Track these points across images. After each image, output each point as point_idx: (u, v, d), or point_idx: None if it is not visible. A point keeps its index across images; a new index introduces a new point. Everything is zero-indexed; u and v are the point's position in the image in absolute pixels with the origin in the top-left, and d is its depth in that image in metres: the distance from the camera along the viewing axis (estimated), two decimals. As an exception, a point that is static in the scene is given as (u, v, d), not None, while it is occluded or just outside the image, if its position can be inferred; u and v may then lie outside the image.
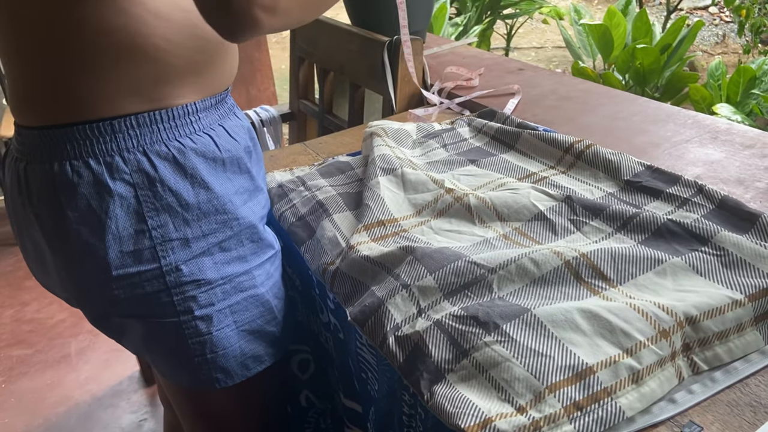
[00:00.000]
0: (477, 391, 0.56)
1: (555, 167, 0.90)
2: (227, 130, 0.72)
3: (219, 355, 0.74)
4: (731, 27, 5.96)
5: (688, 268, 0.66)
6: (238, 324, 0.74)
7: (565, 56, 5.54)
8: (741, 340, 0.60)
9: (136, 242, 0.66)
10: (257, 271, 0.75)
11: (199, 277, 0.70)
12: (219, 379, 0.75)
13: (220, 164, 0.69)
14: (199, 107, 0.68)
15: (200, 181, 0.67)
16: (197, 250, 0.69)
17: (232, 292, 0.73)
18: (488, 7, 4.21)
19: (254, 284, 0.74)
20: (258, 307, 0.76)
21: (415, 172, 0.88)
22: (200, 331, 0.72)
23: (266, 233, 0.77)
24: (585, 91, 1.24)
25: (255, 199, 0.75)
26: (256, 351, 0.77)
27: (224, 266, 0.71)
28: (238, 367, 0.76)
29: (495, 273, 0.66)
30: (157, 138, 0.65)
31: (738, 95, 3.03)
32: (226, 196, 0.70)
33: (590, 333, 0.58)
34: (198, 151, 0.67)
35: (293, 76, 1.64)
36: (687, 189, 0.78)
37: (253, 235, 0.74)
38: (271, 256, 0.77)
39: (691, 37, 3.40)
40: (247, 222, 0.72)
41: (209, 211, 0.69)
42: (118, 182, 0.64)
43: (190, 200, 0.67)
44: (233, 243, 0.72)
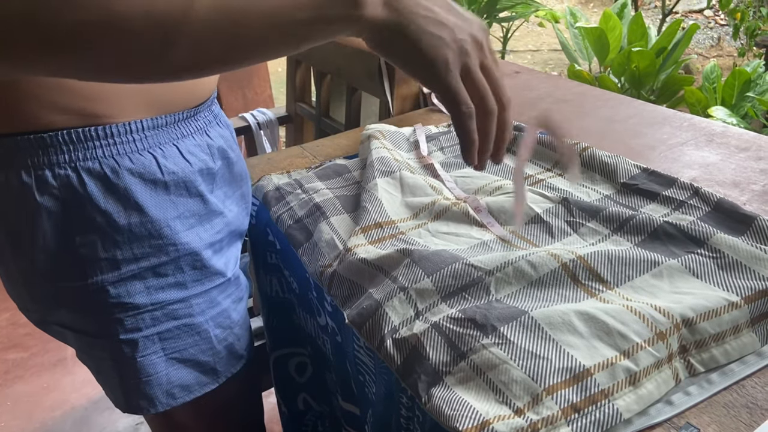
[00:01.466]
0: (474, 394, 0.56)
1: (551, 170, 0.91)
2: (181, 150, 0.68)
3: (143, 382, 0.72)
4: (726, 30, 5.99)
5: (684, 270, 0.66)
6: (167, 351, 0.72)
7: (561, 59, 5.56)
8: (737, 342, 0.60)
9: (63, 257, 0.64)
10: (197, 300, 0.72)
11: (127, 300, 0.67)
12: (142, 406, 0.73)
13: (161, 186, 0.66)
14: (146, 126, 0.65)
15: (133, 203, 0.64)
16: (127, 273, 0.66)
17: (163, 319, 0.70)
18: (484, 11, 4.22)
19: (190, 313, 0.72)
20: (192, 336, 0.73)
21: (413, 176, 0.88)
22: (124, 354, 0.70)
23: (215, 260, 0.73)
24: (581, 94, 1.24)
25: (207, 224, 0.72)
26: (185, 380, 0.75)
27: (157, 292, 0.69)
28: (163, 395, 0.73)
29: (492, 275, 0.66)
30: (91, 155, 0.62)
31: (733, 98, 3.04)
32: (164, 221, 0.67)
33: (587, 335, 0.58)
34: (135, 172, 0.64)
35: (290, 78, 1.65)
36: (683, 191, 0.79)
37: (195, 262, 0.70)
38: (220, 284, 0.74)
39: (686, 40, 3.42)
40: (189, 248, 0.69)
41: (142, 234, 0.66)
42: (46, 196, 0.61)
43: (121, 222, 0.64)
44: (170, 269, 0.69)
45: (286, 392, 1.10)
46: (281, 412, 1.13)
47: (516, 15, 4.49)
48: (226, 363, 0.78)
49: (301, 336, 1.00)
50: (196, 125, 0.71)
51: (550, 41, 6.19)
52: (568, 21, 3.93)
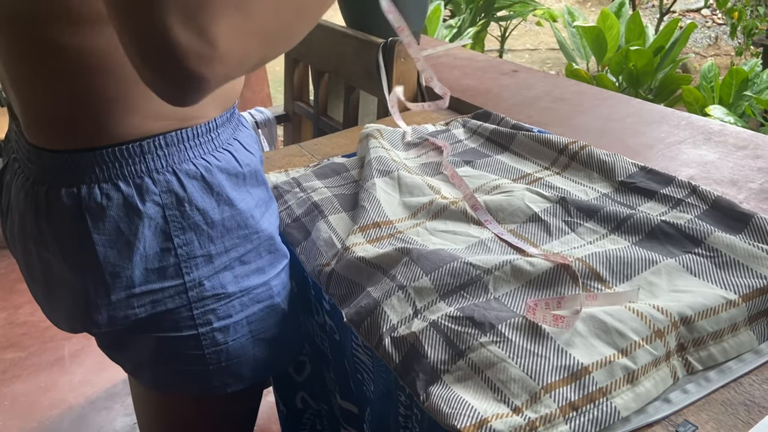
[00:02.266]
0: (473, 392, 0.56)
1: (550, 168, 0.91)
2: (242, 143, 0.72)
3: (233, 363, 0.74)
4: (724, 29, 5.99)
5: (682, 269, 0.66)
6: (254, 333, 0.75)
7: (558, 58, 5.56)
8: (735, 340, 0.60)
9: (161, 260, 0.66)
10: (274, 282, 0.75)
11: (220, 291, 0.70)
12: (230, 384, 0.76)
13: (241, 179, 0.69)
14: (218, 123, 0.68)
15: (225, 197, 0.67)
16: (219, 266, 0.69)
17: (249, 304, 0.73)
18: (482, 9, 4.22)
19: (271, 294, 0.75)
20: (274, 316, 0.76)
21: (411, 176, 0.88)
22: (217, 341, 0.72)
23: (281, 244, 0.77)
24: (579, 93, 1.24)
25: (271, 209, 0.75)
26: (269, 357, 0.78)
27: (243, 279, 0.72)
28: (250, 372, 0.76)
29: (491, 274, 0.67)
30: (184, 157, 0.65)
31: (731, 97, 3.05)
32: (248, 211, 0.70)
33: (585, 333, 0.58)
34: (222, 168, 0.67)
35: (288, 77, 1.64)
36: (681, 190, 0.79)
37: (270, 247, 0.74)
38: (285, 264, 0.78)
39: (683, 39, 3.42)
40: (267, 234, 0.73)
41: (232, 226, 0.69)
42: (148, 203, 0.63)
43: (216, 217, 0.67)
44: (252, 256, 0.72)
45: (284, 391, 1.10)
46: (279, 411, 1.13)
47: (514, 14, 4.49)
48: (295, 339, 0.82)
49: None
50: (237, 118, 0.74)
51: (547, 40, 6.19)
52: (566, 20, 3.93)
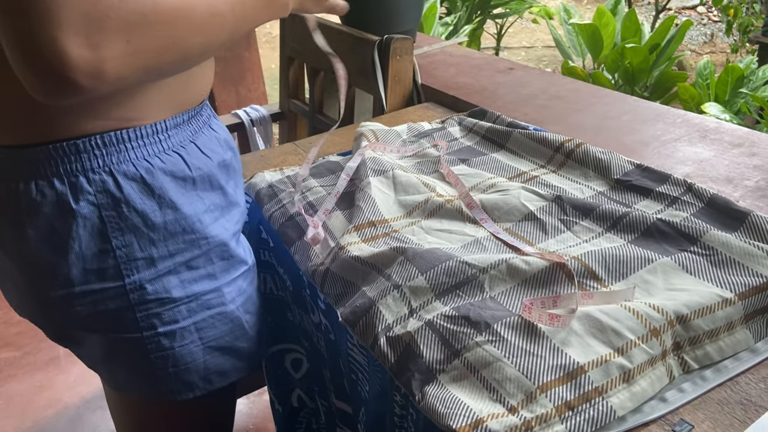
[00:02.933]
0: (468, 392, 0.56)
1: (545, 166, 0.90)
2: (199, 146, 0.70)
3: (181, 370, 0.73)
4: (719, 26, 6.00)
5: (678, 267, 0.66)
6: (204, 340, 0.74)
7: (554, 56, 5.56)
8: (731, 339, 0.60)
9: (99, 261, 0.65)
10: (227, 288, 0.74)
11: (164, 295, 0.69)
12: (179, 391, 0.75)
13: (190, 183, 0.68)
14: (169, 125, 0.67)
15: (168, 201, 0.66)
16: (163, 270, 0.68)
17: (198, 310, 0.72)
18: (478, 7, 4.22)
19: (223, 302, 0.74)
20: (227, 324, 0.75)
21: (406, 174, 0.88)
22: (163, 346, 0.71)
23: (239, 249, 0.75)
24: (575, 91, 1.24)
25: (228, 215, 0.74)
26: (222, 366, 0.76)
27: (191, 284, 0.70)
28: (201, 381, 0.75)
29: (486, 273, 0.66)
30: (124, 158, 0.63)
31: (726, 94, 3.05)
32: (195, 216, 0.69)
33: (581, 332, 0.58)
34: (167, 171, 0.66)
35: (283, 75, 1.64)
36: (676, 187, 0.79)
37: (223, 253, 0.73)
38: (243, 271, 0.76)
39: (679, 36, 3.42)
40: (218, 240, 0.71)
41: (176, 231, 0.68)
42: (82, 203, 0.62)
43: (157, 221, 0.66)
44: (202, 261, 0.71)
45: (280, 389, 1.09)
46: (274, 410, 1.13)
47: (510, 11, 4.49)
48: (258, 348, 0.81)
49: (296, 332, 1.00)
50: (202, 120, 0.73)
51: (543, 38, 6.19)
52: (562, 17, 3.93)
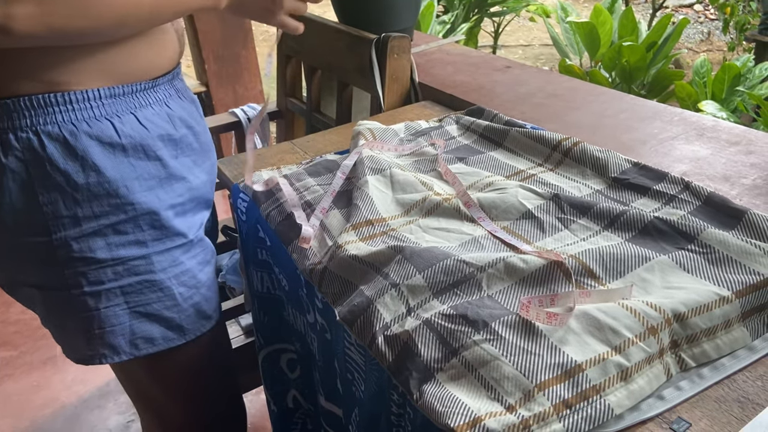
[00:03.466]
0: (466, 390, 0.56)
1: (543, 165, 0.90)
2: (138, 118, 0.73)
3: (107, 332, 0.77)
4: (716, 24, 6.01)
5: (675, 265, 0.66)
6: (130, 305, 0.77)
7: (552, 54, 5.56)
8: (728, 337, 0.60)
9: (28, 215, 0.70)
10: (158, 257, 0.77)
11: (89, 255, 0.73)
12: (105, 355, 0.78)
13: (119, 149, 0.71)
14: (104, 94, 0.70)
15: (91, 163, 0.70)
16: (88, 230, 0.72)
17: (124, 274, 0.75)
18: (475, 5, 4.22)
19: (151, 270, 0.77)
20: (154, 292, 0.78)
21: (403, 173, 0.88)
22: (89, 306, 0.75)
23: (176, 221, 0.78)
24: (572, 89, 1.24)
25: (167, 186, 0.76)
26: (149, 333, 0.79)
27: (117, 248, 0.74)
28: (127, 345, 0.78)
29: (484, 271, 0.66)
30: (51, 120, 0.67)
31: (723, 92, 3.05)
32: (121, 181, 0.72)
33: (579, 330, 0.58)
34: (93, 135, 0.70)
35: (280, 74, 1.64)
36: (674, 186, 0.79)
37: (154, 222, 0.75)
38: (181, 244, 0.79)
39: (676, 34, 3.42)
40: (146, 208, 0.74)
41: (100, 193, 0.71)
42: (10, 158, 0.67)
43: (80, 181, 0.70)
44: (130, 227, 0.74)
45: (275, 389, 1.09)
46: (270, 410, 1.13)
47: (507, 10, 4.48)
48: (194, 322, 0.83)
49: (291, 332, 1.00)
50: (155, 96, 0.76)
51: (541, 36, 6.19)
52: (559, 16, 3.93)
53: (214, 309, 0.85)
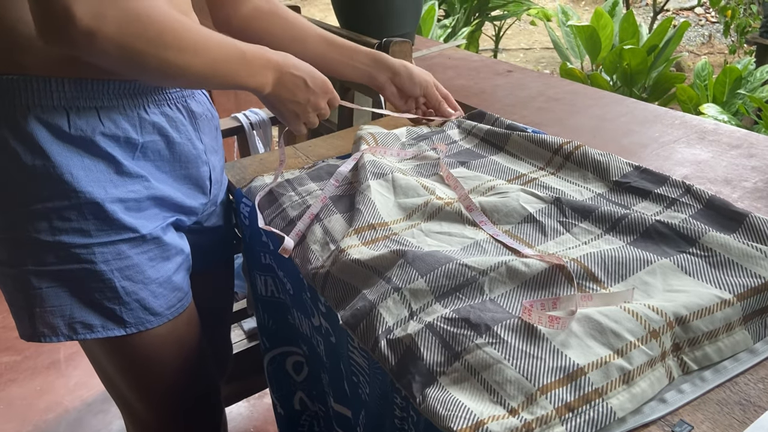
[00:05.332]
0: (469, 394, 0.56)
1: (544, 168, 0.91)
2: (101, 115, 0.76)
3: (47, 311, 0.79)
4: (717, 27, 6.01)
5: (676, 269, 0.66)
6: (72, 290, 0.79)
7: (553, 57, 5.57)
8: (730, 340, 0.60)
9: None
10: (101, 249, 0.78)
11: (33, 235, 0.75)
12: (45, 334, 0.80)
13: (67, 139, 0.74)
14: (68, 86, 0.73)
15: (38, 147, 0.72)
16: (34, 211, 0.75)
17: (67, 260, 0.77)
18: (476, 9, 4.22)
19: (93, 260, 0.78)
20: (96, 282, 0.79)
21: (405, 177, 0.88)
22: (32, 284, 0.78)
23: (123, 215, 0.79)
24: (573, 93, 1.25)
25: (117, 182, 0.78)
26: (87, 319, 0.80)
27: (61, 234, 0.76)
28: (65, 327, 0.80)
29: (486, 275, 0.66)
30: (9, 102, 0.71)
31: (724, 95, 3.05)
32: (66, 168, 0.74)
33: (581, 334, 0.58)
34: (43, 120, 0.72)
35: (282, 78, 1.64)
36: (675, 189, 0.79)
37: (98, 213, 0.77)
38: (128, 238, 0.80)
39: (677, 37, 3.43)
40: (90, 198, 0.76)
41: (45, 176, 0.73)
42: None
43: (27, 162, 0.72)
44: (74, 214, 0.76)
45: (282, 392, 1.10)
46: (277, 413, 1.13)
47: (508, 13, 4.49)
48: (137, 316, 0.83)
49: (297, 335, 1.00)
50: (129, 97, 0.78)
51: (542, 39, 6.20)
52: (560, 19, 3.93)
53: (168, 307, 0.86)
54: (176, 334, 0.90)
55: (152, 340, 0.86)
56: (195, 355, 0.95)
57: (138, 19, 0.65)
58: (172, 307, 0.87)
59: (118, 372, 0.91)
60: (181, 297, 0.89)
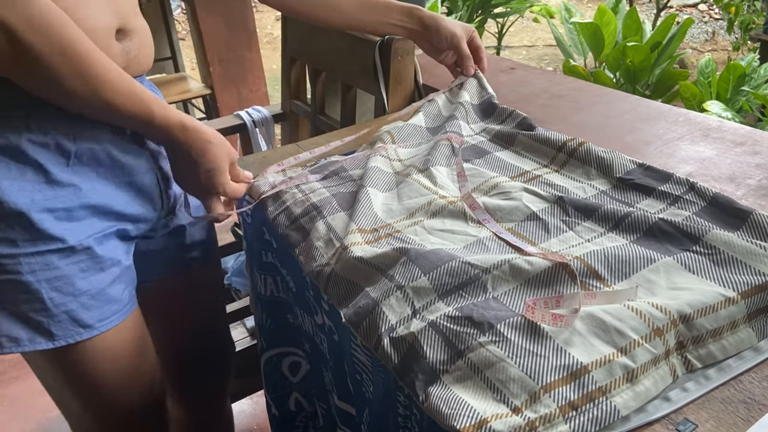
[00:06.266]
0: (472, 392, 0.56)
1: (548, 166, 0.91)
2: (30, 121, 0.74)
3: None
4: (721, 24, 6.00)
5: (680, 267, 0.66)
6: None
7: (556, 54, 5.56)
8: (734, 338, 0.60)
9: None
10: (28, 259, 0.76)
11: None
12: None
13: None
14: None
15: None
16: None
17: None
18: (479, 6, 4.22)
19: (19, 270, 0.76)
20: (22, 293, 0.77)
21: (407, 183, 0.87)
22: None
23: (53, 225, 0.77)
24: (576, 90, 1.24)
25: (46, 190, 0.76)
26: (14, 333, 0.79)
27: None
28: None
29: (489, 273, 0.66)
30: None
31: (728, 92, 3.05)
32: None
33: (584, 332, 0.58)
34: None
35: (285, 76, 1.64)
36: (679, 186, 0.79)
37: (23, 222, 0.75)
38: (57, 249, 0.78)
39: (680, 34, 3.42)
40: (14, 208, 0.74)
41: None
42: None
43: None
44: (1, 225, 0.74)
45: (277, 392, 1.09)
46: (271, 414, 1.13)
47: (511, 11, 4.49)
48: (66, 329, 0.81)
49: (296, 335, 1.00)
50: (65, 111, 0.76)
51: (545, 37, 6.19)
52: (563, 16, 3.93)
53: (99, 319, 0.83)
54: (113, 346, 0.87)
55: (87, 353, 0.84)
56: (137, 367, 0.93)
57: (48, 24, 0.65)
58: (105, 320, 0.84)
59: (59, 382, 0.89)
60: (117, 309, 0.86)
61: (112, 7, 0.79)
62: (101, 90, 0.72)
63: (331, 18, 1.08)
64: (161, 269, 1.00)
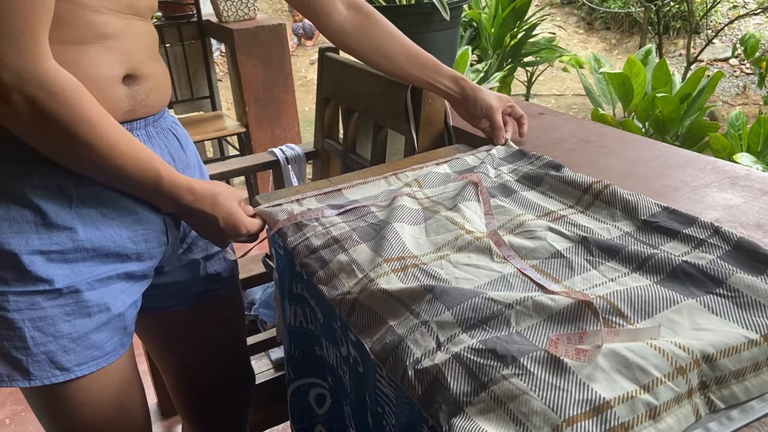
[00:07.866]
0: (495, 424, 0.57)
1: (574, 206, 0.92)
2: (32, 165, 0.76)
3: None
4: (752, 79, 5.99)
5: (703, 308, 0.66)
6: None
7: (584, 104, 5.60)
8: (757, 380, 0.60)
9: None
10: (16, 297, 0.78)
11: None
12: None
13: None
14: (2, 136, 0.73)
15: None
16: None
17: None
18: (509, 55, 4.28)
19: (6, 307, 0.78)
20: (6, 329, 0.79)
21: (436, 220, 0.90)
22: None
23: (43, 267, 0.79)
24: (604, 136, 1.26)
25: (42, 233, 0.78)
26: None
27: None
28: None
29: (512, 308, 0.68)
30: None
31: (759, 145, 3.03)
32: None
33: (607, 368, 0.59)
34: None
35: (319, 116, 1.69)
36: (703, 230, 0.79)
37: (14, 264, 0.77)
38: (43, 290, 0.79)
39: (710, 87, 3.43)
40: (8, 249, 0.76)
41: None
42: None
43: None
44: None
45: (303, 423, 1.10)
46: (297, 445, 1.13)
47: (540, 60, 4.55)
48: (44, 370, 0.82)
49: (322, 367, 1.01)
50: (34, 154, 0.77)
51: (574, 86, 6.24)
52: (593, 66, 3.97)
53: (78, 363, 0.84)
54: (94, 391, 0.87)
55: (67, 394, 0.85)
56: (123, 411, 0.93)
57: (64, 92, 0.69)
58: (83, 365, 0.84)
59: (45, 420, 0.91)
60: (97, 356, 0.86)
61: (120, 57, 0.81)
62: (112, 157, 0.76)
63: (381, 64, 1.14)
64: (178, 301, 1.02)
